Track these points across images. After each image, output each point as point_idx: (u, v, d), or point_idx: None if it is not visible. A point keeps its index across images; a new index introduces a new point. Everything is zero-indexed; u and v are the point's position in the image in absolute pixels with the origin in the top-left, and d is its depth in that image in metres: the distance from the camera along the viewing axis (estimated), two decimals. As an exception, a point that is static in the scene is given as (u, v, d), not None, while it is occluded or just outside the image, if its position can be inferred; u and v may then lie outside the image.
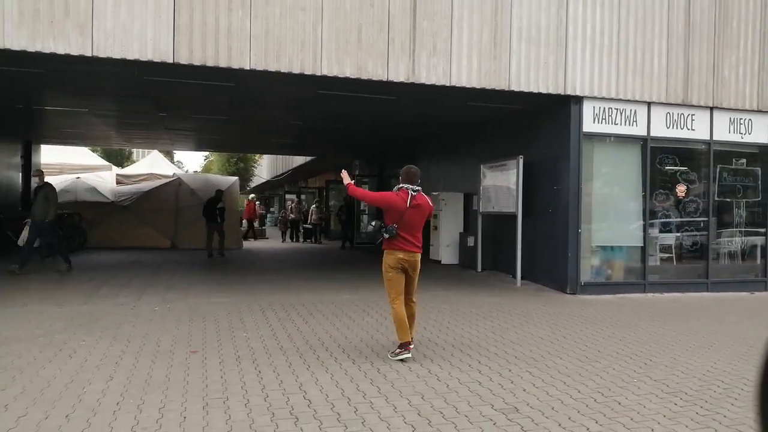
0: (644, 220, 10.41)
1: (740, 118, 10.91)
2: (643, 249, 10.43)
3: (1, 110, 13.16)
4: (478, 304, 8.83)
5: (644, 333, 7.08)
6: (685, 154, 10.86)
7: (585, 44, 9.88)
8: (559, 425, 4.09)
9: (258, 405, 4.32)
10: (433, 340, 6.44)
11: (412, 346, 5.65)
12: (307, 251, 19.29)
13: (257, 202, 30.53)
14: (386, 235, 5.61)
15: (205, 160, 57.56)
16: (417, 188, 5.70)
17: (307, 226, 24.05)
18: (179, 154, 66.23)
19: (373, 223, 11.79)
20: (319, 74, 8.68)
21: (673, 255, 10.88)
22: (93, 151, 39.32)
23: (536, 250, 10.93)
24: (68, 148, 22.20)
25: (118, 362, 5.32)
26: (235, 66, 8.39)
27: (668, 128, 10.49)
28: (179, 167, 61.13)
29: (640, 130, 10.37)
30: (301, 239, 24.26)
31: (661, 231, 10.73)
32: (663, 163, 10.61)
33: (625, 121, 10.26)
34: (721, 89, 10.69)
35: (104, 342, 6.01)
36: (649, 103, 10.34)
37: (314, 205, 24.35)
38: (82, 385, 4.66)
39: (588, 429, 4.04)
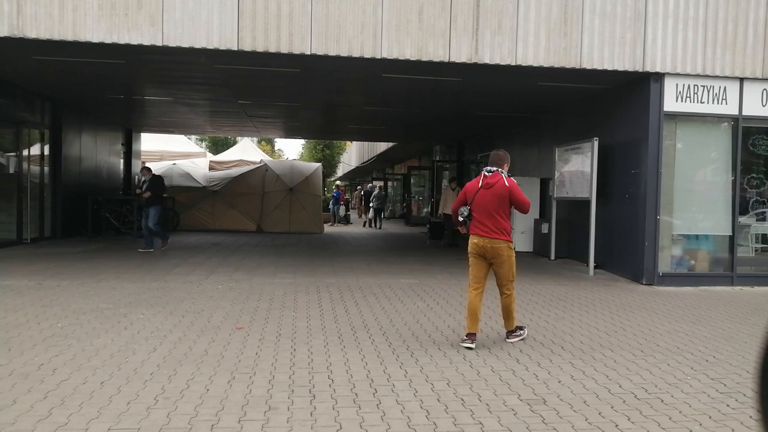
0: (733, 207, 9.55)
1: None
2: (732, 238, 9.58)
3: (100, 100, 14.18)
4: (542, 292, 8.49)
5: (716, 328, 6.51)
6: (784, 135, 9.84)
7: (667, 18, 9.16)
8: (586, 420, 3.84)
9: (281, 381, 4.38)
10: (479, 327, 6.25)
11: (475, 339, 5.46)
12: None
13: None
14: (460, 218, 5.63)
15: (302, 147, 59.22)
16: (493, 169, 5.57)
17: (436, 220, 16.21)
18: (279, 142, 68.80)
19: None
20: (379, 57, 8.63)
21: (769, 246, 9.93)
22: (201, 140, 41.77)
23: (612, 238, 10.34)
24: (169, 136, 23.68)
25: (167, 335, 5.58)
26: (296, 51, 8.52)
27: (764, 106, 9.53)
28: (281, 155, 63.46)
29: (730, 109, 9.50)
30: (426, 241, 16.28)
31: (753, 219, 9.81)
32: (757, 144, 9.66)
33: (713, 99, 9.42)
34: (831, 61, 9.56)
35: (160, 316, 6.33)
36: (741, 79, 9.44)
37: (454, 188, 14.36)
38: (126, 355, 4.93)
39: (617, 426, 3.76)
